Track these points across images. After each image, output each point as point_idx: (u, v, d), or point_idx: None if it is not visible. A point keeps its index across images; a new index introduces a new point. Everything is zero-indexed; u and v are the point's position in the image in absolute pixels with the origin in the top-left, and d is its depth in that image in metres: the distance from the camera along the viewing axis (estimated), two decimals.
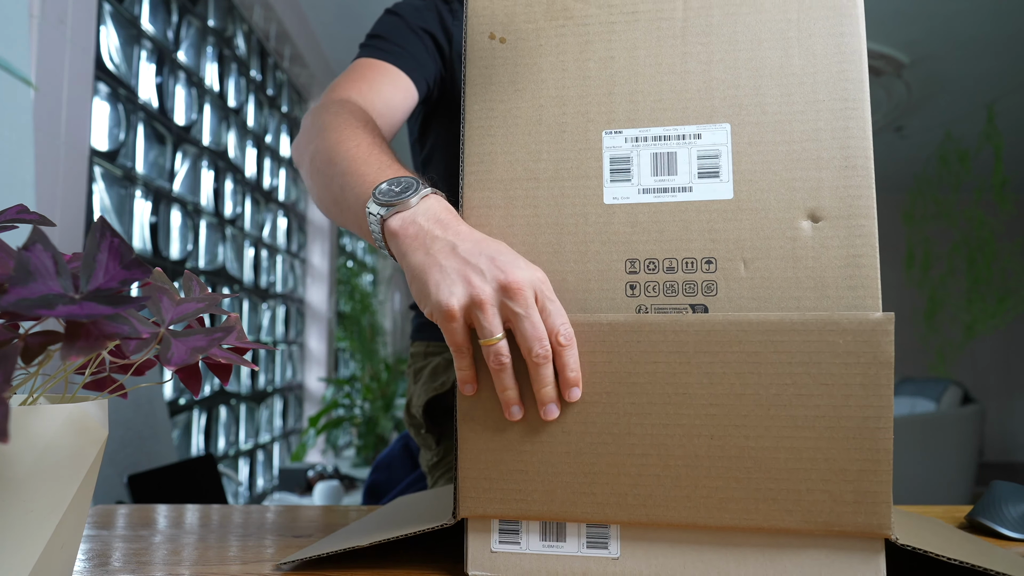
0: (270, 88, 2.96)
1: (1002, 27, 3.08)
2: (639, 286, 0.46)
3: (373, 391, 3.46)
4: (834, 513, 0.43)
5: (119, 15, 1.77)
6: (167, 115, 2.03)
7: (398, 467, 1.07)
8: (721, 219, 0.46)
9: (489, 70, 0.51)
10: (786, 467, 0.43)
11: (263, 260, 2.84)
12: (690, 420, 0.44)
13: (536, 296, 0.45)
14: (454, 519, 0.48)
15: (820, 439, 0.43)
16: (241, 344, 0.41)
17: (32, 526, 0.34)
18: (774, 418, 0.43)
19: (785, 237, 0.45)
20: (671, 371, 0.45)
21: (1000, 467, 5.32)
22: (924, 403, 3.70)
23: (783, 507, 0.43)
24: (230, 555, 0.55)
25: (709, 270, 0.46)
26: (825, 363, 0.43)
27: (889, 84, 3.67)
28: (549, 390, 0.45)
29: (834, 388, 0.43)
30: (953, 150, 4.53)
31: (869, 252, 0.44)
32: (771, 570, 0.44)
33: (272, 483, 2.97)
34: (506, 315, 0.45)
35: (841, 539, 0.43)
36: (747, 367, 0.44)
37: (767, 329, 0.43)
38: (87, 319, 0.31)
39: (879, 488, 0.42)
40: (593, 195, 0.48)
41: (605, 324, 0.46)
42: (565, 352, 0.45)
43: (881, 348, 0.42)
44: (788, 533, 0.44)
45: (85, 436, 0.36)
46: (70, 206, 1.39)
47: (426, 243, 0.47)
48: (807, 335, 0.43)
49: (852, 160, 0.45)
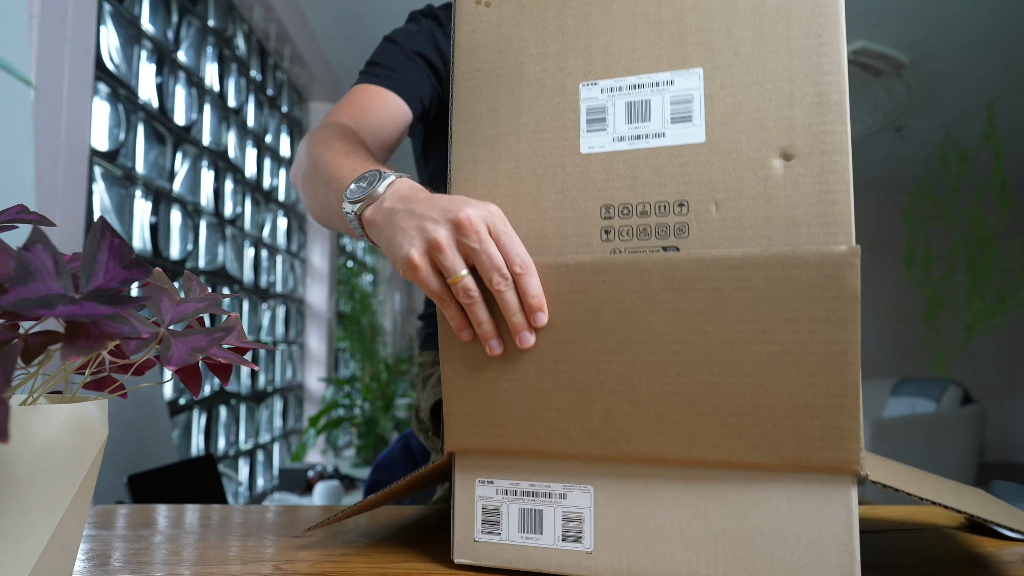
0: (270, 88, 2.96)
1: (1002, 27, 3.08)
2: (613, 231, 0.47)
3: (373, 391, 3.46)
4: (801, 448, 0.42)
5: (119, 15, 1.77)
6: (167, 115, 2.03)
7: (398, 467, 1.07)
8: (694, 162, 0.46)
9: (475, 34, 0.53)
10: (751, 403, 0.43)
11: (263, 260, 2.84)
12: (656, 357, 0.45)
13: (490, 229, 0.47)
14: (443, 454, 0.51)
15: (785, 375, 0.43)
16: (241, 344, 0.41)
17: (32, 526, 0.34)
18: (739, 355, 0.43)
19: (756, 177, 0.45)
20: (637, 310, 0.46)
21: (1000, 467, 5.32)
22: (924, 403, 3.70)
23: (750, 442, 0.43)
24: (230, 555, 0.55)
25: (681, 213, 0.46)
26: (789, 299, 0.43)
27: (889, 84, 3.67)
28: (519, 318, 0.47)
29: (799, 324, 0.42)
30: (953, 150, 4.53)
31: (842, 188, 0.43)
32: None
33: (272, 483, 2.97)
34: (465, 252, 0.47)
35: (811, 475, 0.43)
36: (711, 304, 0.44)
37: (730, 266, 0.44)
38: (87, 319, 0.31)
39: (846, 423, 0.42)
40: (571, 145, 0.49)
41: (572, 265, 0.47)
42: (524, 279, 0.47)
43: (846, 282, 0.42)
44: (756, 468, 0.44)
45: (85, 436, 0.36)
46: (70, 206, 1.39)
47: (392, 218, 0.51)
48: (770, 271, 0.43)
49: (826, 96, 0.44)
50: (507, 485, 0.50)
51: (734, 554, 0.44)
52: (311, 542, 0.58)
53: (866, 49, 3.27)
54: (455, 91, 0.52)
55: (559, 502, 0.48)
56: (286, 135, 3.16)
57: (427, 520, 0.66)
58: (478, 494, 0.50)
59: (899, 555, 0.54)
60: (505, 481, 0.50)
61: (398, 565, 0.52)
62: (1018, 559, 0.53)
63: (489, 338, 0.48)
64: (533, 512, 0.49)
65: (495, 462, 0.50)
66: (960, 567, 0.50)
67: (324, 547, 0.57)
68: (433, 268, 0.48)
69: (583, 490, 0.48)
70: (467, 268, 0.48)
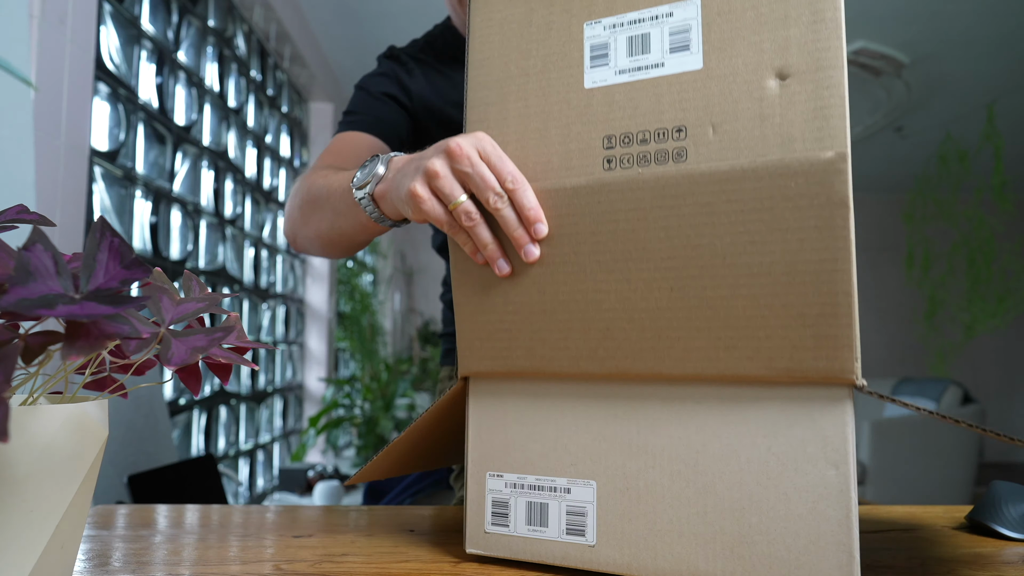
0: (270, 88, 2.96)
1: (1002, 27, 3.08)
2: (615, 160, 0.48)
3: (373, 391, 3.46)
4: (795, 359, 0.42)
5: (119, 15, 1.77)
6: (167, 115, 2.03)
7: None
8: (691, 88, 0.47)
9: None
10: (744, 315, 0.43)
11: (263, 260, 2.84)
12: (650, 274, 0.46)
13: (480, 154, 0.50)
14: (458, 379, 0.54)
15: (777, 285, 0.43)
16: (241, 344, 0.41)
17: (32, 526, 0.34)
18: (731, 267, 0.44)
19: (752, 98, 0.45)
20: (631, 228, 0.47)
21: (1000, 467, 5.32)
22: (924, 403, 3.70)
23: (744, 354, 0.44)
24: (230, 555, 0.55)
25: (680, 138, 0.47)
26: (779, 208, 0.43)
27: (889, 84, 3.67)
28: (519, 232, 0.49)
29: (789, 233, 0.42)
30: (953, 150, 4.53)
31: (837, 103, 0.43)
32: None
33: (272, 483, 2.97)
34: (461, 179, 0.50)
35: (807, 387, 0.43)
36: (702, 219, 0.45)
37: (719, 179, 0.44)
38: (87, 319, 0.31)
39: (840, 332, 0.41)
40: (575, 82, 0.50)
41: (569, 189, 0.49)
42: (518, 193, 0.49)
43: (835, 188, 0.41)
44: (751, 382, 0.44)
45: (85, 436, 0.36)
46: (70, 206, 1.39)
47: (396, 176, 0.56)
48: (758, 182, 0.43)
49: (821, 14, 0.44)
50: (515, 479, 0.51)
51: (732, 551, 0.44)
52: (311, 542, 0.59)
53: (866, 49, 3.28)
54: (470, 40, 0.55)
55: (564, 496, 0.49)
56: (286, 135, 3.16)
57: (427, 520, 0.67)
58: (488, 487, 0.52)
59: (899, 555, 0.54)
60: (513, 475, 0.51)
61: (398, 565, 0.52)
62: (1018, 559, 0.53)
63: (496, 259, 0.51)
64: (539, 505, 0.50)
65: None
66: (960, 567, 0.50)
67: (324, 547, 0.57)
68: (436, 198, 0.51)
69: (586, 484, 0.48)
70: (466, 194, 0.50)
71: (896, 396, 3.88)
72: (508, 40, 0.53)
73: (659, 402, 0.47)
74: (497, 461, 0.52)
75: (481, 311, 0.52)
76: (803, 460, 0.43)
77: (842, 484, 0.42)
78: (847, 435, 0.42)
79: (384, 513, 0.70)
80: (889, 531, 0.61)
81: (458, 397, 0.55)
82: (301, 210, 0.77)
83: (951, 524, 0.64)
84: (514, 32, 0.53)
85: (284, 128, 3.14)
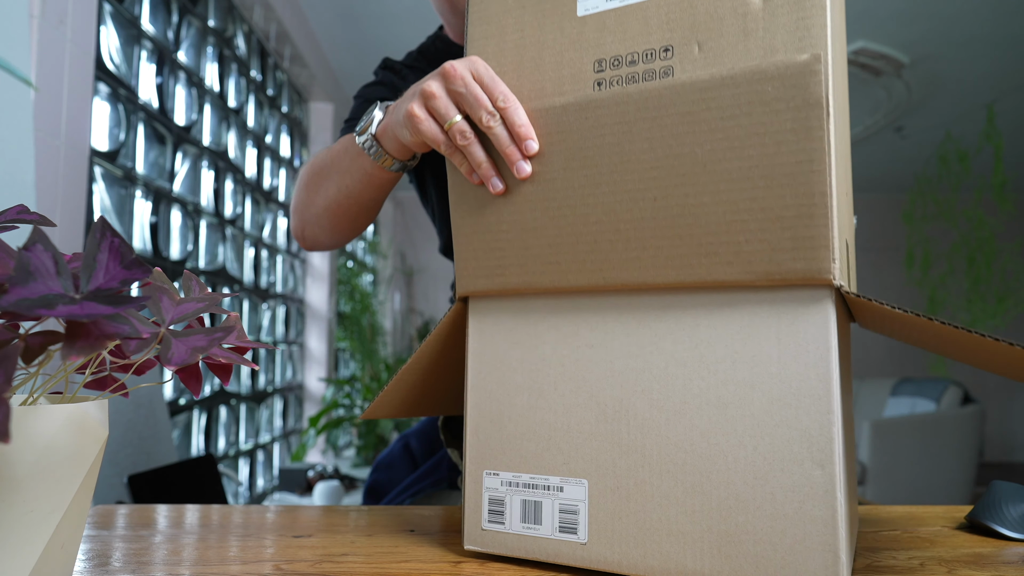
0: (270, 88, 2.96)
1: (1002, 27, 3.08)
2: (605, 82, 0.50)
3: (373, 391, 3.46)
4: (773, 262, 0.43)
5: (119, 15, 1.77)
6: (167, 115, 2.03)
7: (398, 467, 1.07)
8: (678, 9, 0.48)
9: None
10: (724, 220, 0.44)
11: (263, 260, 2.84)
12: (635, 185, 0.47)
13: (473, 75, 0.52)
14: (458, 301, 0.56)
15: (755, 188, 0.43)
16: (241, 344, 0.41)
17: (32, 526, 0.34)
18: (711, 173, 0.45)
19: (736, 15, 0.46)
20: (616, 141, 0.48)
21: (1000, 467, 5.32)
22: (924, 403, 3.70)
23: (723, 259, 0.44)
24: (230, 555, 0.55)
25: (667, 57, 0.48)
26: (756, 113, 0.43)
27: (889, 84, 3.67)
28: (511, 149, 0.51)
29: (766, 137, 0.43)
30: (953, 150, 4.53)
31: (818, 13, 0.43)
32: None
33: (272, 483, 2.97)
34: (455, 99, 0.53)
35: (787, 290, 0.43)
36: (683, 127, 0.46)
37: (699, 88, 0.45)
38: (87, 319, 0.31)
39: (816, 232, 0.42)
40: (568, 11, 0.52)
41: (558, 107, 0.50)
42: (509, 111, 0.51)
43: (810, 90, 0.42)
44: (732, 287, 0.45)
45: (85, 436, 0.36)
46: (70, 206, 1.39)
47: (396, 110, 0.60)
48: (736, 88, 0.44)
49: None
50: (510, 477, 0.52)
51: (720, 550, 0.44)
52: (311, 542, 0.59)
53: (866, 49, 3.28)
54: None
55: (556, 494, 0.50)
56: (286, 135, 3.16)
57: (427, 520, 0.67)
58: (485, 485, 0.53)
59: (899, 555, 0.54)
60: (509, 473, 0.52)
61: (398, 565, 0.52)
62: (1018, 559, 0.53)
63: (490, 177, 0.52)
64: (533, 503, 0.51)
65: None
66: (960, 567, 0.50)
67: (324, 547, 0.57)
68: (433, 118, 0.54)
69: (578, 483, 0.49)
70: (460, 114, 0.53)
71: (896, 396, 3.88)
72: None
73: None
74: (494, 460, 0.52)
75: (477, 231, 0.54)
76: (789, 460, 0.43)
77: (828, 484, 0.41)
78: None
79: (384, 513, 0.70)
80: (889, 531, 0.61)
81: (458, 319, 0.57)
82: (307, 187, 0.78)
83: (951, 524, 0.64)
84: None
85: (284, 128, 3.14)
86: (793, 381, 0.43)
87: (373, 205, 0.76)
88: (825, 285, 0.42)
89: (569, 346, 0.51)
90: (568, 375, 0.50)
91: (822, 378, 0.42)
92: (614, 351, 0.49)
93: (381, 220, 5.29)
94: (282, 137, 3.11)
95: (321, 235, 0.82)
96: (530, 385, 0.52)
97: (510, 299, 0.53)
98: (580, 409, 0.50)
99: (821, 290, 0.43)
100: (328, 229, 0.81)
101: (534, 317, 0.52)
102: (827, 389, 0.42)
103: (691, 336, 0.46)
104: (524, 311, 0.53)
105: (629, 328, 0.48)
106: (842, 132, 0.51)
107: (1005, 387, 5.74)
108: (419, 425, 1.02)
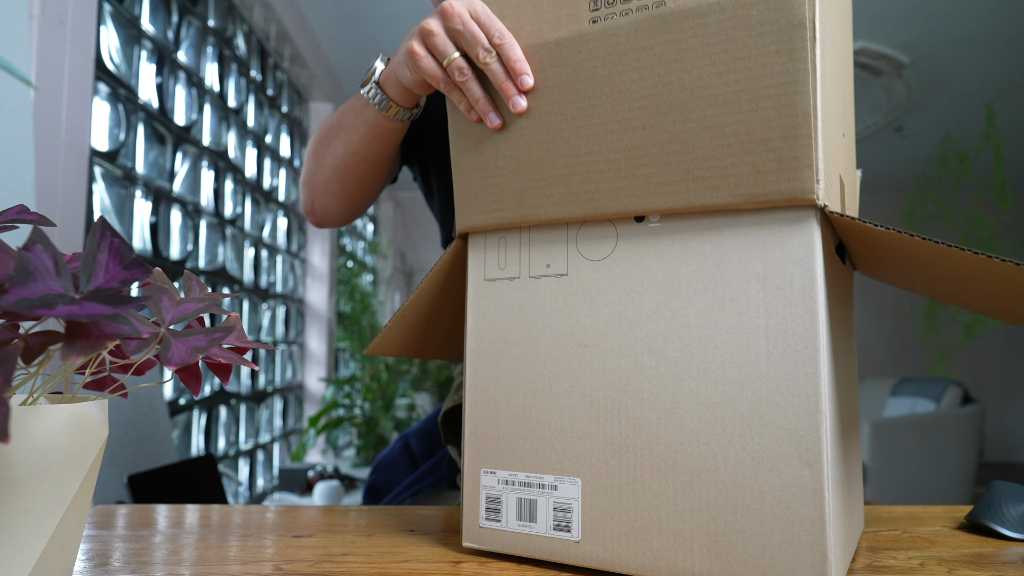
0: (270, 88, 2.96)
1: (1002, 27, 3.08)
2: (600, 20, 0.50)
3: (373, 391, 3.46)
4: (758, 184, 0.43)
5: (119, 15, 1.77)
6: (167, 115, 2.03)
7: (398, 467, 1.07)
8: None
9: None
10: (711, 144, 0.45)
11: (263, 260, 2.84)
12: (625, 115, 0.48)
13: (471, 13, 0.53)
14: (457, 237, 0.57)
15: (741, 112, 0.44)
16: (241, 344, 0.41)
17: (32, 526, 0.34)
18: (697, 99, 0.45)
19: None
20: (607, 72, 0.49)
21: (1000, 467, 5.32)
22: (924, 403, 3.70)
23: (710, 184, 0.45)
24: (230, 555, 0.55)
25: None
26: (741, 37, 0.44)
27: (889, 84, 3.67)
28: (507, 84, 0.52)
29: (751, 60, 0.43)
30: (953, 150, 4.53)
31: None
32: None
33: (272, 483, 2.97)
34: (453, 38, 0.55)
35: (772, 212, 0.44)
36: (671, 55, 0.46)
37: (686, 15, 0.46)
38: (87, 319, 0.31)
39: (800, 153, 0.42)
40: None
41: (552, 42, 0.51)
42: (505, 48, 0.52)
43: (793, 11, 0.42)
44: (718, 212, 0.45)
45: (85, 436, 0.36)
46: (70, 206, 1.39)
47: (397, 54, 0.63)
48: (722, 13, 0.44)
49: None
50: (507, 476, 0.52)
51: (709, 549, 0.44)
52: (311, 542, 0.59)
53: (866, 49, 3.28)
54: None
55: (551, 493, 0.50)
56: (286, 135, 3.16)
57: (427, 520, 0.67)
58: (482, 483, 0.53)
59: (899, 555, 0.54)
60: (505, 472, 0.52)
61: (398, 565, 0.52)
62: (1018, 559, 0.53)
63: (487, 112, 0.54)
64: (528, 502, 0.51)
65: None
66: (960, 567, 0.50)
67: (324, 547, 0.57)
68: (432, 55, 0.56)
69: (572, 482, 0.49)
70: (458, 52, 0.55)
71: (896, 396, 3.88)
72: None
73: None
74: (491, 459, 0.53)
75: (475, 168, 0.55)
76: (777, 460, 0.43)
77: (815, 484, 0.41)
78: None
79: (384, 513, 0.70)
80: (889, 531, 0.61)
81: (458, 256, 0.58)
82: (315, 153, 0.81)
83: (951, 524, 0.64)
84: None
85: (284, 128, 3.14)
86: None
87: (380, 164, 0.78)
88: (809, 205, 0.43)
89: (564, 347, 0.51)
90: (563, 374, 0.50)
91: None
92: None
93: (381, 220, 5.29)
94: (282, 137, 3.11)
95: (331, 203, 0.84)
96: (526, 385, 0.52)
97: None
98: (574, 408, 0.50)
99: (806, 211, 0.43)
100: (337, 195, 0.82)
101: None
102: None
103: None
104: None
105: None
106: (839, 66, 0.51)
107: (1005, 387, 5.74)
108: (419, 425, 1.03)
